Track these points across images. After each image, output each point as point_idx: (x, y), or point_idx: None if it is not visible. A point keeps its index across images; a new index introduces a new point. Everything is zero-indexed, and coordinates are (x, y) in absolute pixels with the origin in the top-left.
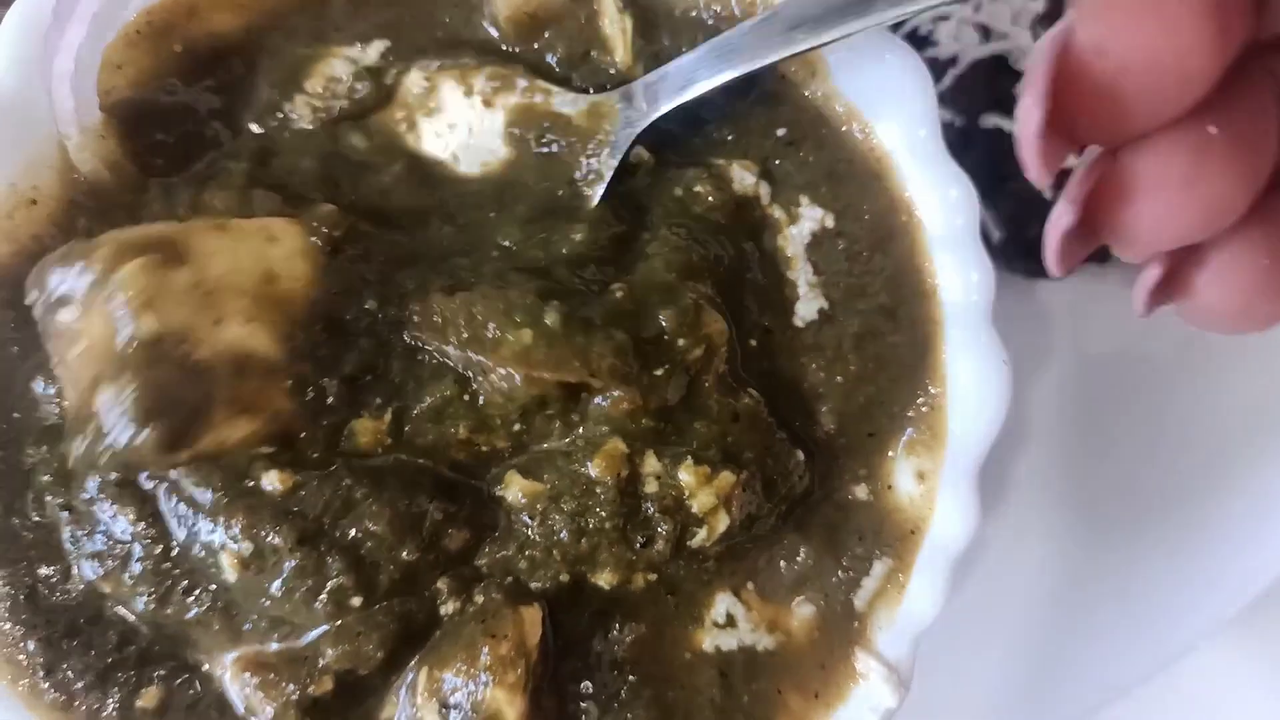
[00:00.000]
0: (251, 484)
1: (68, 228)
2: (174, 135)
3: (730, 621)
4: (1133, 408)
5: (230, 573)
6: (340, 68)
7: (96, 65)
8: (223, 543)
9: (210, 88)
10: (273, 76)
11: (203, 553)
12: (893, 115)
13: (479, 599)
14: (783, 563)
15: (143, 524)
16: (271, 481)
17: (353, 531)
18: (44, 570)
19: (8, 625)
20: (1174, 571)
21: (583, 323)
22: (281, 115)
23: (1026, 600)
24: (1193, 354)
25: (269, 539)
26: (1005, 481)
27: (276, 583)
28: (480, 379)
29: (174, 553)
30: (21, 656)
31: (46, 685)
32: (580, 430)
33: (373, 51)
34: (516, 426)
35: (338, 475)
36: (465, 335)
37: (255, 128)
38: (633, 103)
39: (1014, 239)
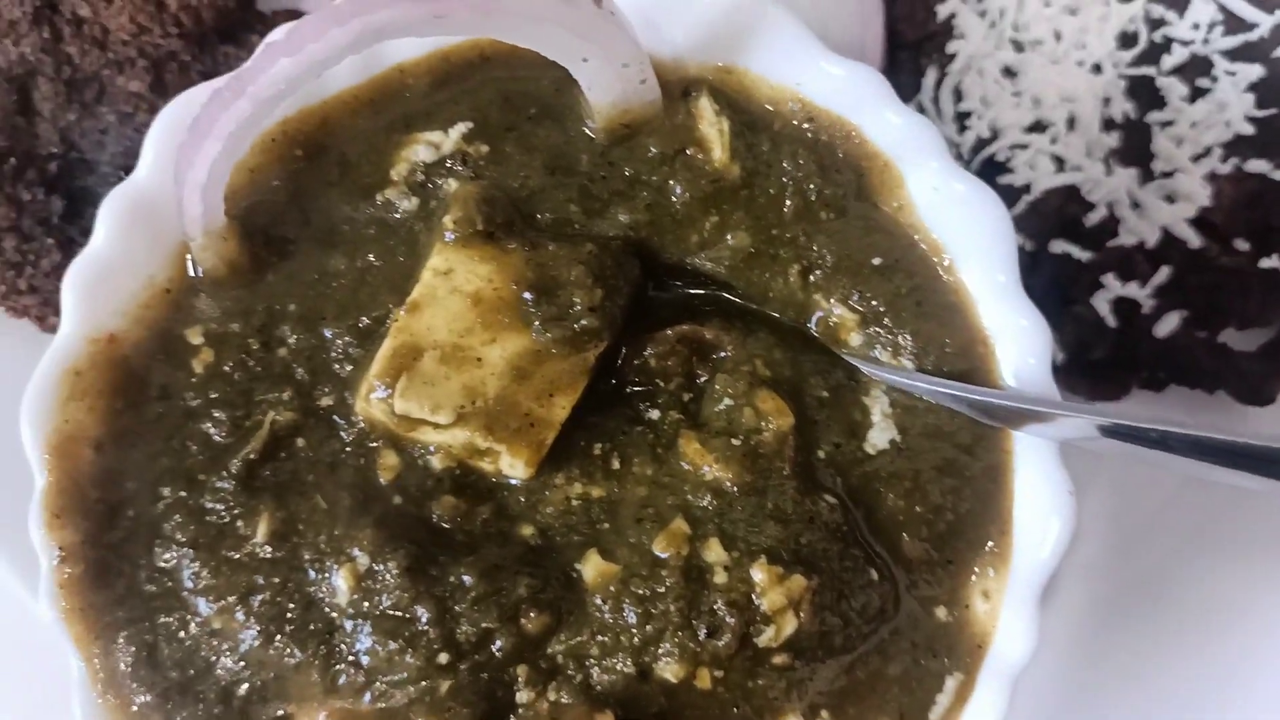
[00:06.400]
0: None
1: (188, 308)
2: (283, 231)
3: None
4: (1163, 544)
5: (344, 590)
6: (422, 153)
7: (227, 177)
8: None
9: (314, 185)
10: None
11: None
12: (975, 255)
13: (552, 696)
14: (859, 683)
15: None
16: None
17: (450, 577)
18: (163, 619)
19: (131, 684)
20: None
21: None
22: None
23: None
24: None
25: (384, 562)
26: None
27: (383, 603)
28: None
29: (289, 584)
30: (136, 710)
31: None
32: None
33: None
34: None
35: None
36: None
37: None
38: None
39: (1076, 361)
